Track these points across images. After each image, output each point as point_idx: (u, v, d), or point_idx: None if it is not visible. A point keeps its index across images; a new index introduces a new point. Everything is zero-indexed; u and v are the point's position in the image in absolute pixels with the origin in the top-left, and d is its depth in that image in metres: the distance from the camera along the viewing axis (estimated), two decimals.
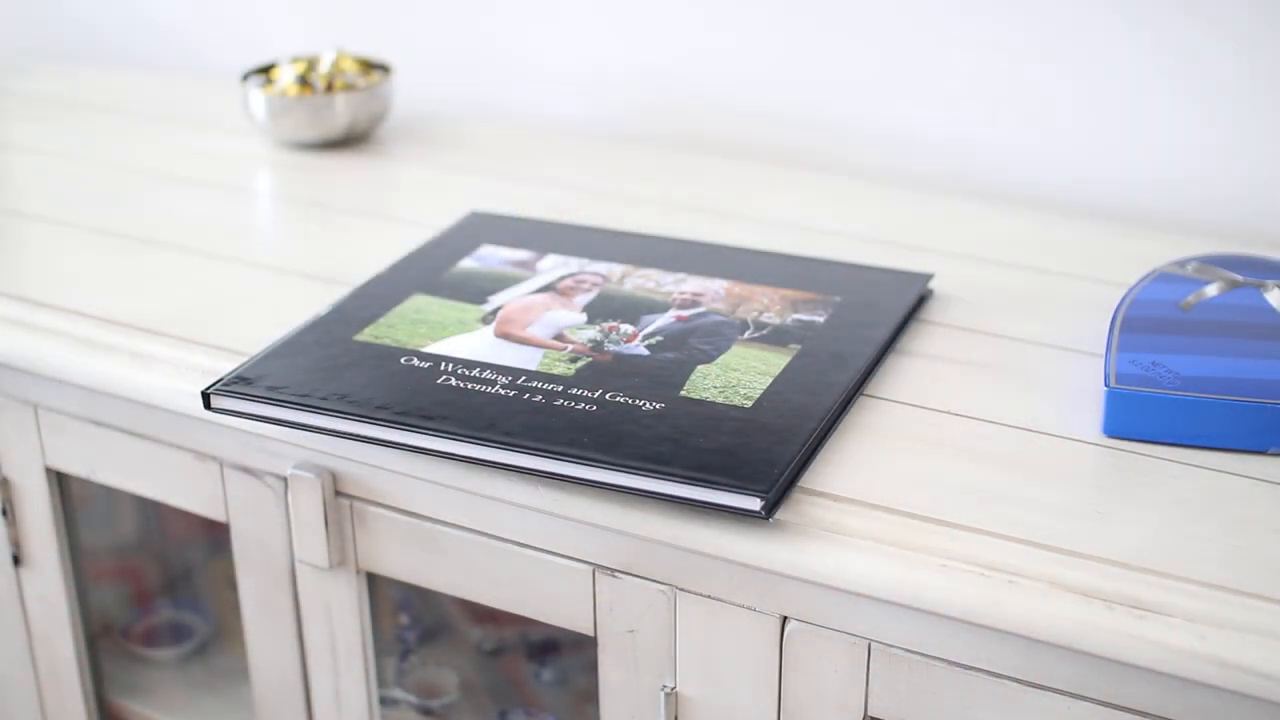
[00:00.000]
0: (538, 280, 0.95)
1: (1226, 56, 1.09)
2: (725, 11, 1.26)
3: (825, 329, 0.87)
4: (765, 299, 0.91)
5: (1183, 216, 1.14)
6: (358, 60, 1.31)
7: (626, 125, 1.34)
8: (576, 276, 0.96)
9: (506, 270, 0.97)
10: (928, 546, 0.70)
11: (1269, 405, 0.76)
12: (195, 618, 1.26)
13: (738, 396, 0.80)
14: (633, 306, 0.91)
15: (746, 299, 0.92)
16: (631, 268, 0.97)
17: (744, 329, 0.88)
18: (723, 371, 0.83)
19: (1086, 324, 0.92)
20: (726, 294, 0.92)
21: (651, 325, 0.89)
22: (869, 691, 0.76)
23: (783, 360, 0.84)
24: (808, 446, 0.76)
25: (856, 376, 0.83)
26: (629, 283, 0.95)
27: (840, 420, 0.81)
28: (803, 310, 0.90)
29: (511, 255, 1.00)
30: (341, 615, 0.93)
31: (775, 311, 0.90)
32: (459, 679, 1.15)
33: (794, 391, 0.80)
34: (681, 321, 0.89)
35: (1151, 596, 0.66)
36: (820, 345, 0.86)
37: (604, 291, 0.93)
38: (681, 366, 0.83)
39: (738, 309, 0.90)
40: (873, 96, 1.23)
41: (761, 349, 0.85)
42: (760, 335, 0.87)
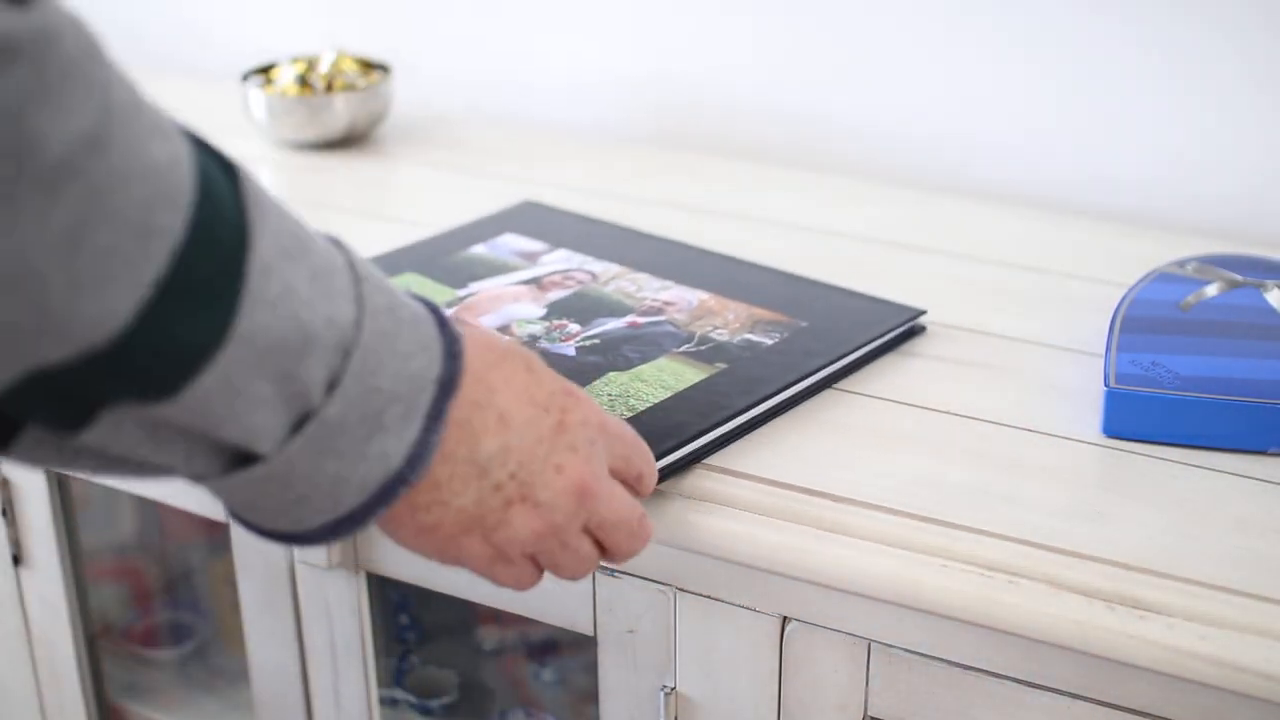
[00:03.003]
0: (529, 272, 0.96)
1: (1226, 55, 1.09)
2: (725, 12, 1.27)
3: (765, 352, 0.84)
4: (731, 315, 0.89)
5: (1183, 217, 1.14)
6: (358, 60, 1.31)
7: (626, 125, 1.34)
8: (566, 273, 0.96)
9: (510, 260, 0.98)
10: (928, 546, 0.70)
11: (1269, 405, 0.76)
12: (195, 618, 1.26)
13: (623, 407, 0.78)
14: (597, 308, 0.90)
15: (713, 313, 0.89)
16: (626, 270, 0.96)
17: (685, 341, 0.86)
18: (630, 381, 0.81)
19: (1086, 324, 0.92)
20: (698, 306, 0.90)
21: (598, 329, 0.87)
22: (869, 691, 0.76)
23: (697, 377, 0.81)
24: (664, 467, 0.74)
25: (753, 402, 0.79)
26: (613, 285, 0.94)
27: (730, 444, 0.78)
28: (759, 330, 0.87)
29: (525, 246, 1.00)
30: (341, 615, 0.93)
31: (729, 330, 0.87)
32: (459, 679, 1.15)
33: (681, 410, 0.78)
34: (633, 328, 0.87)
35: (1152, 596, 0.66)
36: (746, 368, 0.82)
37: (582, 290, 0.93)
38: (595, 371, 0.82)
39: (695, 322, 0.88)
40: (873, 96, 1.23)
41: (686, 363, 0.83)
42: (696, 350, 0.84)
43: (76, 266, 0.43)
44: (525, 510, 0.58)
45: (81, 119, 0.42)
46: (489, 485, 0.57)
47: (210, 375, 0.47)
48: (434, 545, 0.59)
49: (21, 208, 0.41)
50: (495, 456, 0.57)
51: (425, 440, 0.54)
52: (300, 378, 0.50)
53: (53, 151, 0.41)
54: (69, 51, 0.43)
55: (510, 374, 0.58)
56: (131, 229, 0.44)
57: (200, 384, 0.47)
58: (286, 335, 0.49)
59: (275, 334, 0.49)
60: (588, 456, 0.60)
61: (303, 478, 0.52)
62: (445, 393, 0.55)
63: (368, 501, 0.54)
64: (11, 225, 0.41)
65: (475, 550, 0.59)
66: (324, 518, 0.54)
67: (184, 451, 0.51)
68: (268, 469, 0.51)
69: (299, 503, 0.53)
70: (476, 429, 0.56)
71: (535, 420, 0.58)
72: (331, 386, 0.51)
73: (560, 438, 0.59)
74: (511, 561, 0.60)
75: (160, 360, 0.46)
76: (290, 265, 0.49)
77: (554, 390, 0.59)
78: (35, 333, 0.43)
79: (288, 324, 0.49)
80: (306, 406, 0.51)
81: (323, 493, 0.53)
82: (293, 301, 0.49)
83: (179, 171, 0.46)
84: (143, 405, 0.47)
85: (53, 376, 0.45)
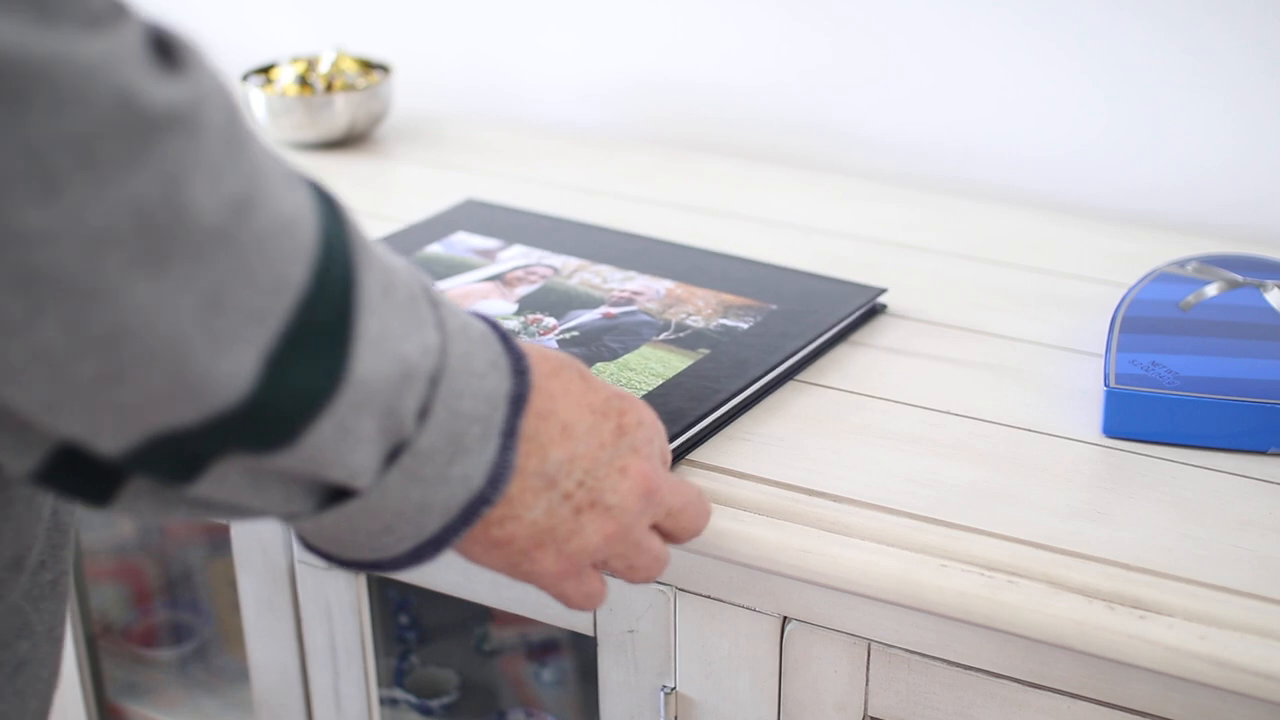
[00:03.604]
0: (491, 269, 0.96)
1: (1237, 54, 1.09)
2: (723, 13, 1.27)
3: (743, 335, 0.86)
4: (701, 302, 0.90)
5: (1182, 218, 1.14)
6: (358, 60, 1.31)
7: (626, 125, 1.34)
8: (528, 268, 0.96)
9: (468, 258, 0.98)
10: (927, 546, 0.70)
11: (1269, 405, 0.76)
12: (195, 618, 1.26)
13: None
14: (567, 301, 0.91)
15: (682, 300, 0.91)
16: (586, 263, 0.97)
17: (663, 330, 0.87)
18: (619, 370, 0.82)
19: (1086, 324, 0.92)
20: (666, 295, 0.92)
21: (575, 320, 0.88)
22: (869, 691, 0.76)
23: (684, 363, 0.83)
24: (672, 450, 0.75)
25: (745, 384, 0.81)
26: (577, 277, 0.95)
27: (725, 427, 0.79)
28: (732, 315, 0.89)
29: (479, 244, 1.00)
30: (341, 615, 0.93)
31: (703, 316, 0.89)
32: (459, 679, 1.15)
33: (677, 395, 0.80)
34: (608, 318, 0.89)
35: (1152, 596, 0.66)
36: (729, 351, 0.84)
37: (548, 285, 0.94)
38: (582, 362, 0.82)
39: (668, 310, 0.90)
40: (872, 96, 1.23)
41: (669, 350, 0.84)
42: (676, 338, 0.86)
43: (216, 330, 0.43)
44: (596, 515, 0.59)
45: (233, 183, 0.42)
46: (558, 495, 0.57)
47: (326, 422, 0.47)
48: (506, 560, 0.58)
49: (171, 274, 0.41)
50: (563, 466, 0.57)
51: (503, 459, 0.54)
52: (399, 411, 0.50)
53: (207, 219, 0.42)
54: (223, 116, 0.43)
55: (568, 383, 0.58)
56: (267, 285, 0.44)
57: (316, 431, 0.47)
58: (391, 372, 0.49)
59: (383, 373, 0.48)
60: (648, 455, 0.61)
61: (391, 508, 0.52)
62: (516, 409, 0.55)
63: (450, 524, 0.54)
64: (161, 295, 0.41)
65: (548, 565, 0.59)
66: (406, 544, 0.54)
67: (282, 494, 0.50)
68: (362, 503, 0.51)
69: (384, 531, 0.53)
70: (544, 441, 0.56)
71: (596, 426, 0.59)
72: (423, 415, 0.51)
73: (621, 440, 0.60)
74: (581, 575, 0.60)
75: (282, 412, 0.46)
76: (387, 301, 0.49)
77: (609, 395, 0.60)
78: (171, 397, 0.43)
79: (392, 361, 0.49)
80: (401, 437, 0.51)
81: (407, 520, 0.53)
82: (393, 337, 0.49)
83: (305, 222, 0.46)
84: (258, 456, 0.47)
85: (177, 436, 0.45)
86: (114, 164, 0.39)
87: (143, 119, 0.40)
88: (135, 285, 0.41)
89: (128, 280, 0.40)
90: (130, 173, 0.40)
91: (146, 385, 0.43)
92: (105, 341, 0.41)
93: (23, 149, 0.38)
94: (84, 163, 0.39)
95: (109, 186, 0.40)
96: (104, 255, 0.40)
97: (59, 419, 0.43)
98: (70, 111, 0.39)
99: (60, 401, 0.42)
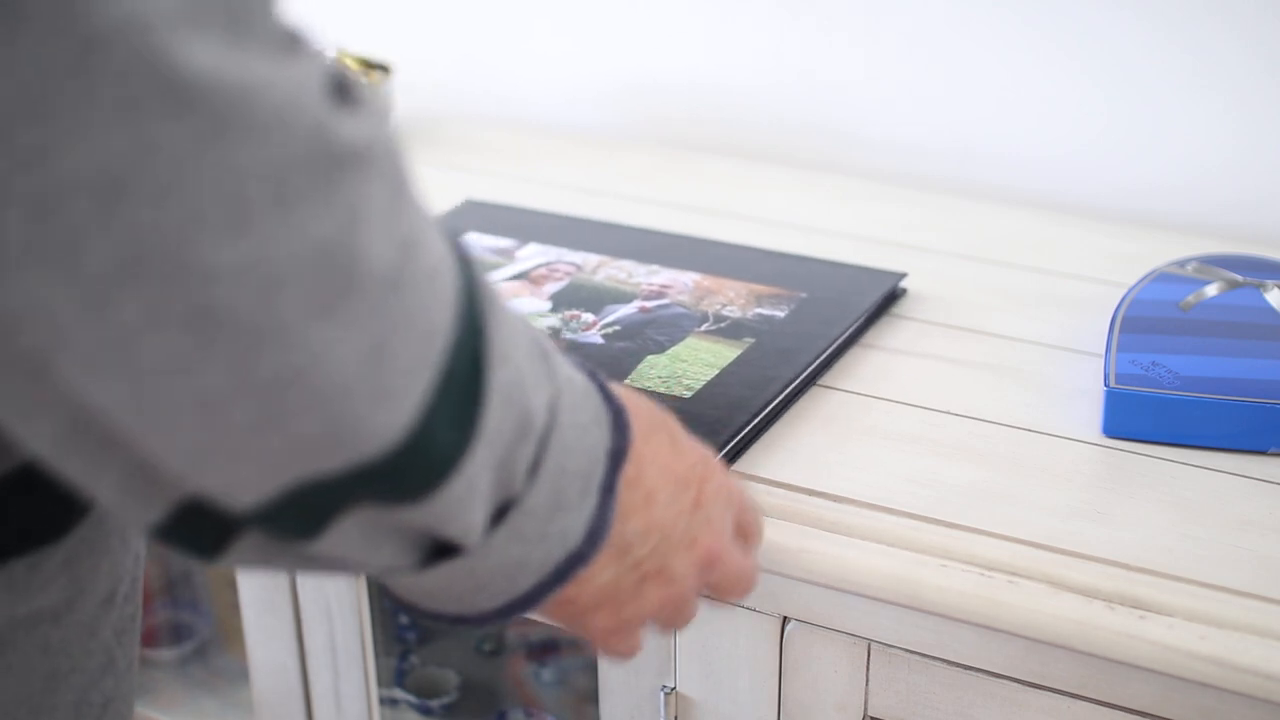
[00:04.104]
0: (513, 268, 0.96)
1: (1238, 55, 1.09)
2: (723, 13, 1.26)
3: (783, 324, 0.88)
4: (732, 293, 0.92)
5: (1182, 218, 1.14)
6: (358, 60, 1.31)
7: (626, 125, 1.34)
8: (551, 265, 0.96)
9: (486, 258, 0.98)
10: (928, 546, 0.70)
11: (1269, 405, 0.76)
12: (195, 618, 1.26)
13: (679, 387, 0.80)
14: (599, 296, 0.92)
15: (713, 292, 0.92)
16: (607, 259, 0.97)
17: (702, 321, 0.88)
18: (671, 362, 0.83)
19: (1086, 324, 0.92)
20: (695, 287, 0.93)
21: (613, 315, 0.89)
22: (869, 691, 0.76)
23: (733, 353, 0.84)
24: (740, 439, 0.77)
25: (800, 371, 0.83)
26: (602, 273, 0.95)
27: (783, 413, 0.81)
28: (766, 305, 0.90)
29: (494, 243, 1.01)
30: (341, 615, 0.93)
31: (738, 305, 0.90)
32: (459, 679, 1.15)
33: (735, 384, 0.81)
34: (644, 313, 0.90)
35: (1152, 596, 0.66)
36: (773, 340, 0.86)
37: (575, 281, 0.94)
38: (632, 356, 0.84)
39: (701, 302, 0.91)
40: (873, 96, 1.23)
41: (715, 341, 0.86)
42: (717, 328, 0.87)
43: (379, 377, 0.41)
44: (658, 584, 0.57)
45: (403, 227, 0.41)
46: (629, 563, 0.56)
47: (461, 477, 0.45)
48: (564, 617, 0.57)
49: (343, 318, 0.39)
50: (639, 534, 0.55)
51: (602, 516, 0.52)
52: (512, 466, 0.48)
53: (379, 264, 0.40)
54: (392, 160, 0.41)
55: (658, 448, 0.56)
56: (422, 334, 0.42)
57: (452, 486, 0.45)
58: (512, 428, 0.47)
59: (509, 426, 0.46)
60: (719, 529, 0.59)
61: (492, 566, 0.50)
62: (616, 465, 0.53)
63: (544, 581, 0.52)
64: (331, 340, 0.39)
65: (601, 624, 0.57)
66: (498, 601, 0.52)
67: (393, 550, 0.48)
68: (467, 562, 0.49)
69: (479, 589, 0.51)
70: (626, 509, 0.54)
71: (677, 497, 0.57)
72: (532, 472, 0.49)
73: (697, 513, 0.58)
74: (631, 633, 0.59)
75: (426, 465, 0.44)
76: (515, 353, 0.47)
77: (694, 463, 0.58)
78: (323, 445, 0.41)
79: (517, 414, 0.47)
80: (510, 494, 0.49)
81: (504, 576, 0.51)
82: (519, 389, 0.47)
83: (448, 267, 0.44)
84: (391, 510, 0.45)
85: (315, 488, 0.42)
86: (303, 200, 0.38)
87: (332, 154, 0.38)
88: (308, 328, 0.39)
89: (302, 322, 0.38)
90: (317, 209, 0.38)
91: (302, 433, 0.40)
92: (269, 386, 0.39)
93: (217, 180, 0.36)
94: (277, 197, 0.37)
95: (296, 223, 0.37)
96: (282, 295, 0.38)
97: (202, 469, 0.41)
98: (268, 142, 0.37)
99: (208, 449, 0.40)
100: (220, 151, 0.36)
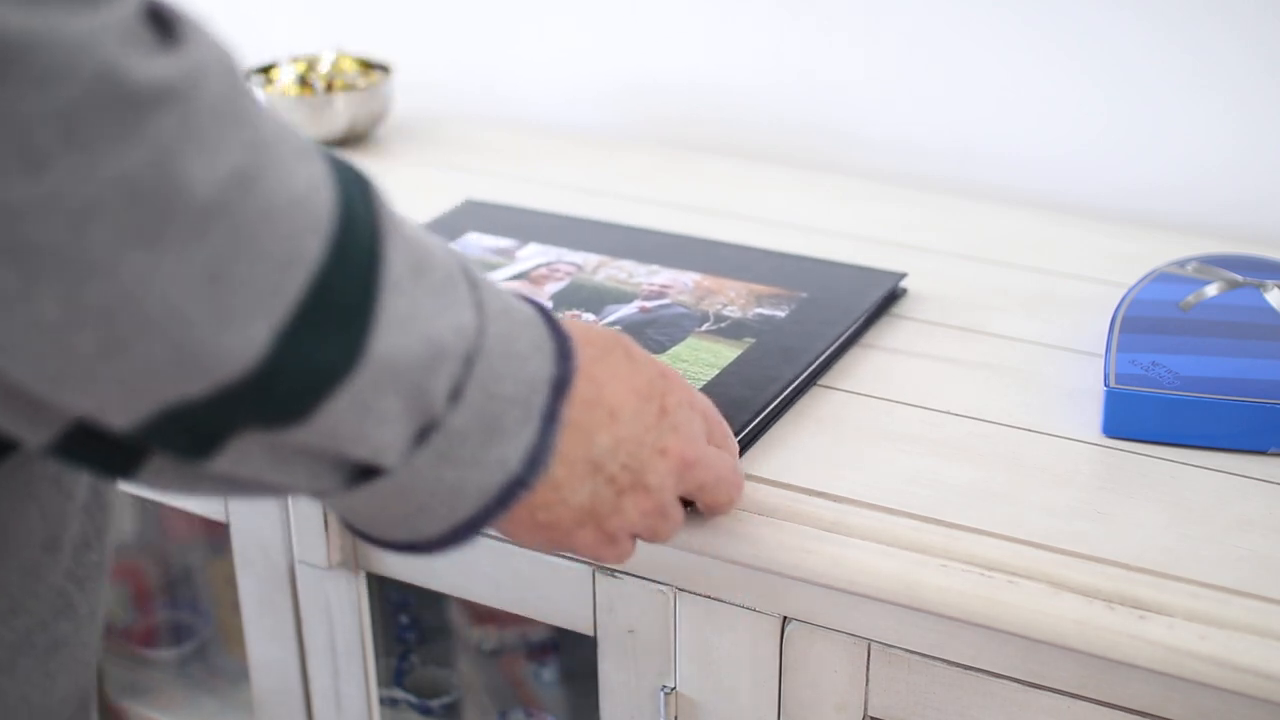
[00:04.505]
0: (514, 268, 0.96)
1: (1238, 55, 1.09)
2: (724, 12, 1.26)
3: (784, 324, 0.88)
4: (732, 292, 0.92)
5: (1182, 218, 1.14)
6: (358, 60, 1.31)
7: (626, 125, 1.34)
8: (551, 265, 0.97)
9: (486, 258, 0.98)
10: (928, 546, 0.70)
11: (1269, 405, 0.76)
12: (195, 618, 1.26)
13: None
14: (600, 296, 0.92)
15: (714, 292, 0.92)
16: (608, 258, 0.97)
17: (703, 321, 0.88)
18: (672, 362, 0.83)
19: (1086, 324, 0.92)
20: (695, 287, 0.93)
21: (614, 315, 0.89)
22: (869, 691, 0.76)
23: (733, 353, 0.84)
24: (741, 439, 0.76)
25: (801, 371, 0.83)
26: (602, 273, 0.95)
27: (784, 413, 0.81)
28: (766, 305, 0.90)
29: (494, 243, 1.01)
30: (341, 615, 0.93)
31: (738, 306, 0.90)
32: (459, 679, 1.15)
33: (736, 384, 0.81)
34: (645, 312, 0.90)
35: (1151, 596, 0.66)
36: (774, 340, 0.86)
37: (575, 281, 0.94)
38: None
39: (702, 301, 0.91)
40: (874, 96, 1.23)
41: (715, 341, 0.86)
42: (718, 328, 0.87)
43: (219, 302, 0.43)
44: (637, 495, 0.60)
45: (230, 157, 0.42)
46: (603, 479, 0.59)
47: (342, 398, 0.47)
48: (548, 539, 0.60)
49: (168, 250, 0.42)
50: (608, 451, 0.58)
51: (542, 443, 0.55)
52: (428, 391, 0.50)
53: (202, 193, 0.42)
54: (219, 89, 0.43)
55: (615, 366, 0.59)
56: (275, 260, 0.44)
57: (331, 407, 0.47)
58: (419, 352, 0.49)
59: (408, 352, 0.48)
60: (688, 434, 0.62)
61: (423, 489, 0.52)
62: (559, 393, 0.55)
63: (486, 506, 0.54)
64: (157, 268, 0.42)
65: (587, 539, 0.60)
66: (441, 526, 0.54)
67: (308, 471, 0.50)
68: (392, 482, 0.51)
69: (418, 513, 0.53)
70: (590, 428, 0.57)
71: (640, 410, 0.60)
72: (455, 396, 0.51)
73: (663, 421, 0.61)
74: (618, 542, 0.62)
75: (293, 386, 0.46)
76: (418, 279, 0.49)
77: (652, 376, 0.61)
78: (175, 369, 0.43)
79: (419, 340, 0.49)
80: (430, 417, 0.51)
81: (440, 501, 0.53)
82: (422, 317, 0.49)
83: (320, 196, 0.46)
84: (273, 431, 0.47)
85: (187, 409, 0.45)
86: (100, 139, 0.40)
87: (130, 95, 0.40)
88: (129, 258, 0.41)
89: (120, 253, 0.41)
90: (118, 148, 0.40)
91: (148, 358, 0.43)
92: (102, 313, 0.42)
93: (3, 123, 0.39)
94: (68, 139, 0.39)
95: (96, 162, 0.40)
96: (94, 228, 0.40)
97: (65, 393, 0.44)
98: (51, 88, 0.39)
99: (64, 375, 0.43)
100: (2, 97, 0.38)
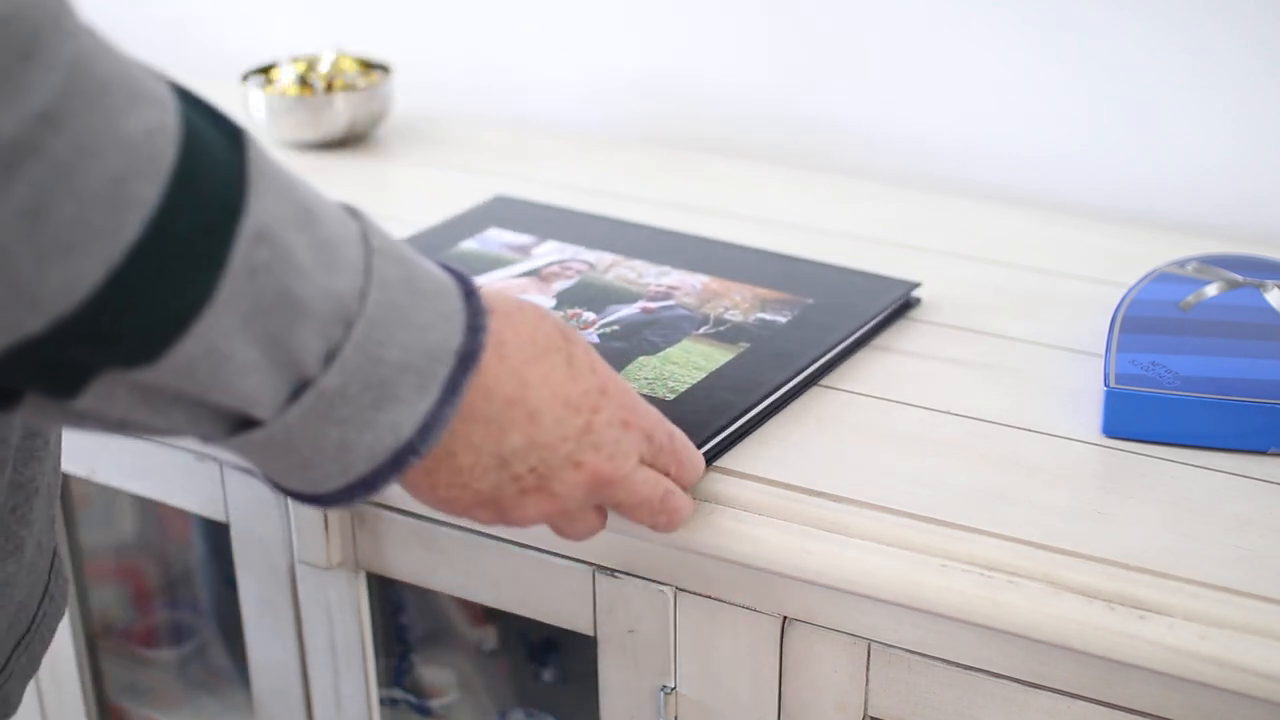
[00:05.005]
0: (526, 265, 0.96)
1: (1238, 55, 1.09)
2: (724, 12, 1.26)
3: (783, 329, 0.87)
4: (738, 296, 0.91)
5: (1182, 218, 1.14)
6: (358, 60, 1.31)
7: (627, 125, 1.34)
8: (564, 263, 0.97)
9: (503, 254, 0.98)
10: (928, 546, 0.70)
11: (1269, 405, 0.76)
12: (195, 618, 1.26)
13: (664, 389, 0.80)
14: (604, 296, 0.92)
15: (719, 295, 0.92)
16: (621, 258, 0.97)
17: (702, 324, 0.88)
18: (661, 364, 0.83)
19: (1086, 324, 0.92)
20: (702, 289, 0.93)
21: (614, 315, 0.89)
22: (869, 691, 0.76)
23: (725, 357, 0.84)
24: (719, 443, 0.76)
25: (790, 377, 0.82)
26: (613, 272, 0.95)
27: (773, 416, 0.80)
28: (770, 309, 0.90)
29: (513, 239, 1.01)
30: (341, 615, 0.93)
31: (741, 310, 0.90)
32: (459, 679, 1.15)
33: (722, 388, 0.80)
34: (647, 313, 0.89)
35: (1152, 596, 0.66)
36: (769, 345, 0.85)
37: (584, 279, 0.94)
38: (623, 357, 0.84)
39: (706, 304, 0.90)
40: (874, 96, 1.23)
41: (710, 344, 0.85)
42: (715, 331, 0.87)
43: (41, 239, 0.44)
44: (539, 498, 0.61)
45: (37, 98, 0.43)
46: (508, 476, 0.59)
47: (191, 340, 0.48)
48: (447, 510, 0.61)
49: None
50: (518, 451, 0.59)
51: (439, 412, 0.55)
52: (291, 347, 0.51)
53: (6, 131, 0.42)
54: (23, 31, 0.43)
55: (549, 371, 0.59)
56: (100, 201, 0.45)
57: (181, 349, 0.48)
58: (273, 303, 0.49)
59: (261, 301, 0.49)
60: (610, 454, 0.62)
61: (306, 444, 0.53)
62: (465, 366, 0.56)
63: (379, 469, 0.55)
64: None
65: (484, 518, 0.62)
66: (337, 481, 0.55)
67: (184, 416, 0.51)
68: (267, 434, 0.53)
69: (307, 467, 0.54)
70: (505, 424, 0.58)
71: (563, 420, 0.60)
72: (330, 357, 0.52)
73: (585, 438, 0.61)
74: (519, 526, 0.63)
75: (137, 326, 0.47)
76: (290, 234, 0.50)
77: (588, 389, 0.61)
78: (8, 306, 0.44)
79: (274, 292, 0.49)
80: (303, 375, 0.52)
81: (328, 458, 0.54)
82: (285, 270, 0.50)
83: (158, 141, 0.46)
84: (125, 371, 0.48)
85: (35, 347, 0.46)
86: None
87: None
88: None
89: None
90: None
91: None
92: None
93: None
94: None
95: None
96: None
97: None
98: None
99: None
100: None
